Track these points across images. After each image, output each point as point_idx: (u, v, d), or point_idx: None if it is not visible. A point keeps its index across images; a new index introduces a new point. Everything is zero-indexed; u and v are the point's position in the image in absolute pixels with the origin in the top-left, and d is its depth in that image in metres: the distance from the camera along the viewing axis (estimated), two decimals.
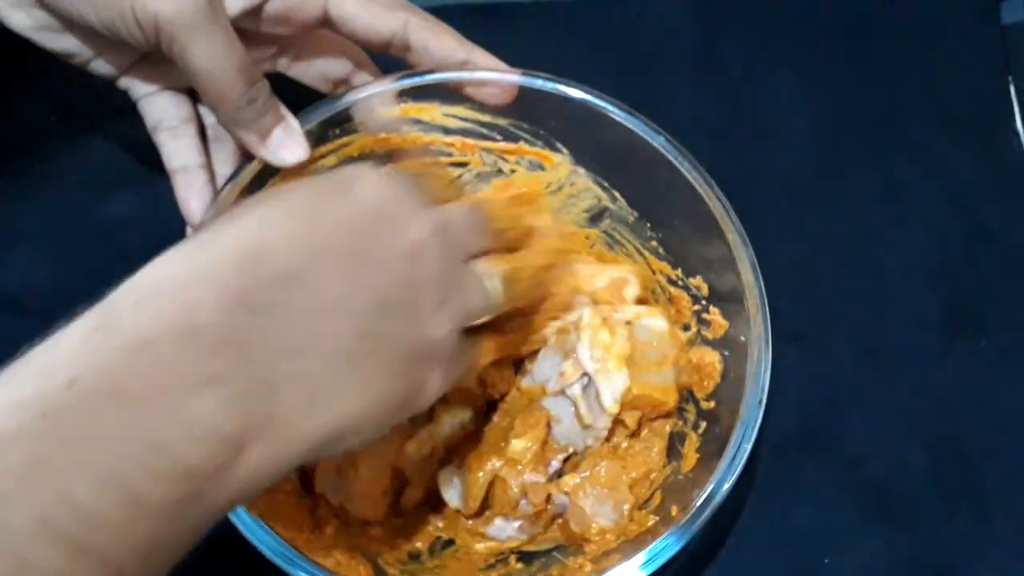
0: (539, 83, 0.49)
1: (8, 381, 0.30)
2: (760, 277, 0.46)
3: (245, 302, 0.33)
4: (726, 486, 0.43)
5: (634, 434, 0.51)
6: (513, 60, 0.50)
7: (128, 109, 0.51)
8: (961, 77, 0.64)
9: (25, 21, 0.46)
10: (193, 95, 0.50)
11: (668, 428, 0.51)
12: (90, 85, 0.53)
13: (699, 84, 0.63)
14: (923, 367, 0.56)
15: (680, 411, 0.51)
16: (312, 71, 0.50)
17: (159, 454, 0.30)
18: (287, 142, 0.46)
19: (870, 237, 0.60)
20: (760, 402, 0.44)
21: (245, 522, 0.42)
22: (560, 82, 0.49)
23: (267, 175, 0.47)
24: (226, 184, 0.47)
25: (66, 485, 0.28)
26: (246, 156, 0.48)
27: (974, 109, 0.63)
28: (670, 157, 0.48)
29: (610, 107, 0.49)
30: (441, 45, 0.48)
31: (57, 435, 0.29)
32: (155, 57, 0.48)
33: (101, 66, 0.49)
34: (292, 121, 0.47)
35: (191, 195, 0.49)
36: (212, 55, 0.42)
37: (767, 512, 0.52)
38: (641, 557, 0.42)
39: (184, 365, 0.31)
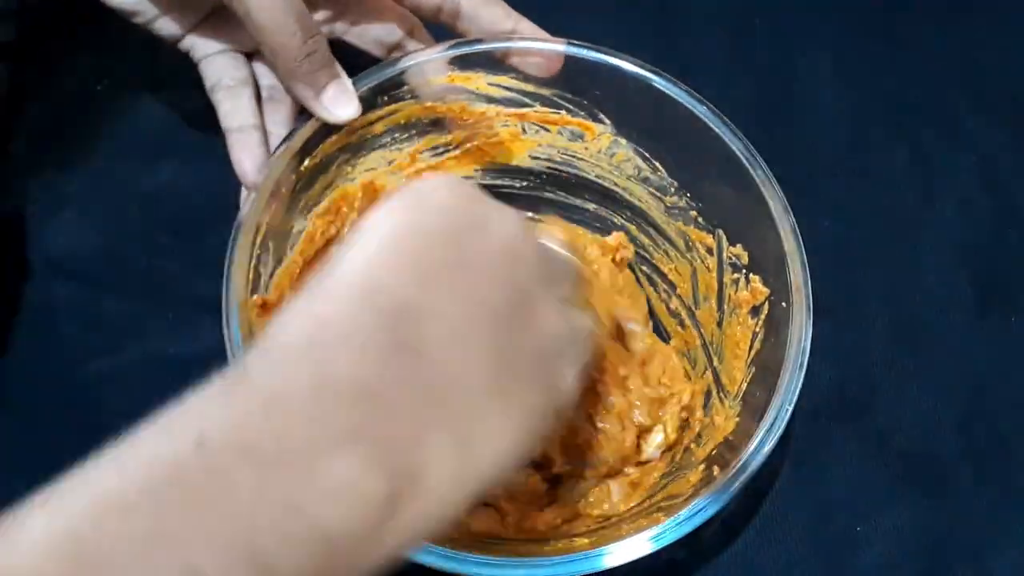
0: (584, 53, 0.50)
1: (135, 441, 0.28)
2: (801, 243, 0.47)
3: (377, 346, 0.30)
4: (767, 447, 0.43)
5: None
6: (551, 32, 0.51)
7: (175, 79, 0.52)
8: (994, 55, 0.64)
9: None
10: (251, 58, 0.51)
11: None
12: (137, 54, 0.54)
13: (733, 59, 0.64)
14: (954, 342, 0.57)
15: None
16: (367, 36, 0.51)
17: (294, 518, 0.28)
18: (341, 99, 0.47)
19: (902, 213, 0.60)
20: (802, 364, 0.45)
21: None
22: (605, 52, 0.50)
23: (319, 138, 0.48)
24: (279, 145, 0.48)
25: (191, 556, 0.26)
26: (300, 119, 0.48)
27: (1007, 87, 0.64)
28: (713, 126, 0.49)
29: (655, 77, 0.49)
30: (490, 14, 0.49)
31: (183, 499, 0.27)
32: (216, 18, 0.49)
33: (164, 26, 0.49)
34: (346, 80, 0.47)
35: (245, 154, 0.49)
36: (272, 6, 0.43)
37: (801, 481, 0.53)
38: (681, 516, 0.42)
39: (320, 421, 0.29)
